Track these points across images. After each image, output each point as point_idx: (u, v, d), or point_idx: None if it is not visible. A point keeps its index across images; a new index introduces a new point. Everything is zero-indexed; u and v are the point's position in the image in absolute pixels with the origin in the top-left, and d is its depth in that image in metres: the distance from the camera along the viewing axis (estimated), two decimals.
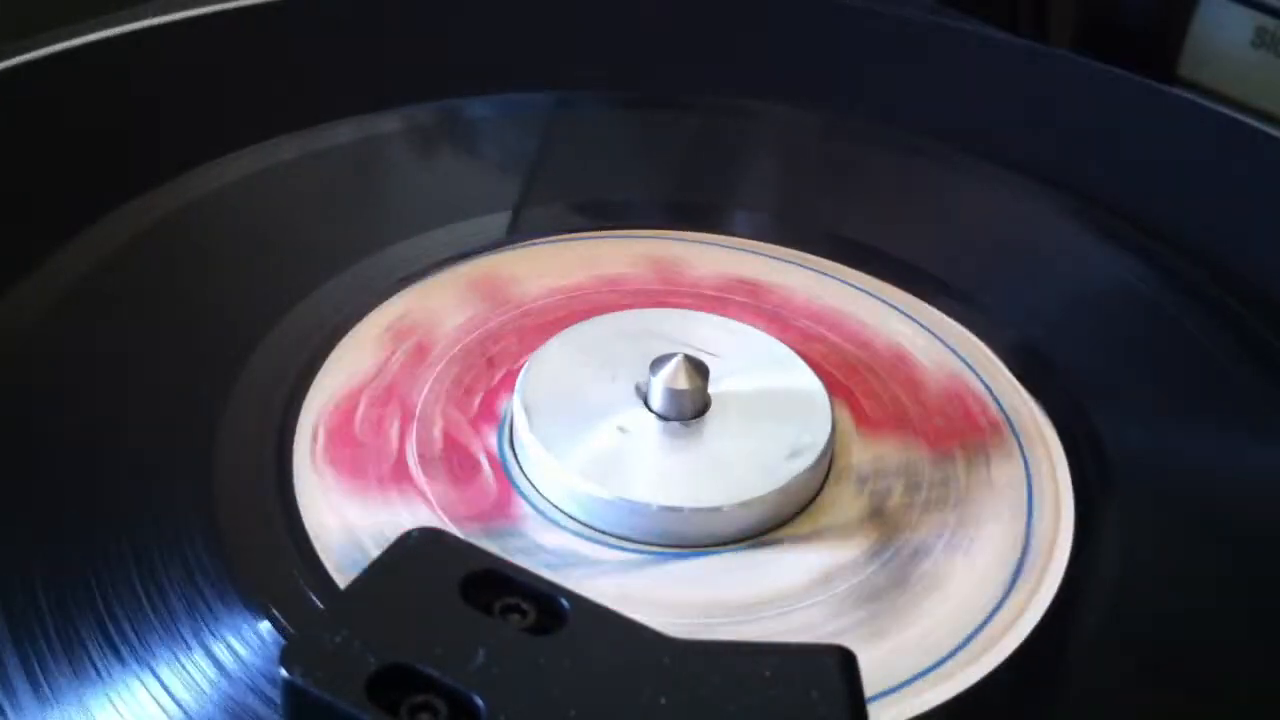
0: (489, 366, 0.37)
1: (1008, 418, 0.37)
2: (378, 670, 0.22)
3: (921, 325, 0.40)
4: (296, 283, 0.39)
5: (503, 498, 0.33)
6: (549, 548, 0.32)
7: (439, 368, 0.37)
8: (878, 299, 0.41)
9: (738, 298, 0.41)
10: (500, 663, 0.23)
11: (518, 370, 0.36)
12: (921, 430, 0.36)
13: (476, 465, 0.34)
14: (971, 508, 0.34)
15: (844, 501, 0.34)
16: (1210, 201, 0.46)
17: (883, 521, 0.34)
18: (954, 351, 0.39)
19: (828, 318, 0.40)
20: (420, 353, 0.37)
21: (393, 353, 0.37)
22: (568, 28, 0.53)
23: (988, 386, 0.38)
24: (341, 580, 0.30)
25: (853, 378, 0.38)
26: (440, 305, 0.39)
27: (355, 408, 0.35)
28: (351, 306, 0.38)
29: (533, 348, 0.37)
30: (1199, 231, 0.44)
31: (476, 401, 0.36)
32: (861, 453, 0.35)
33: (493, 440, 0.35)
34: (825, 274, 0.42)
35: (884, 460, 0.35)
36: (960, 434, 0.36)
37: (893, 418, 0.37)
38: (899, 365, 0.38)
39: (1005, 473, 0.35)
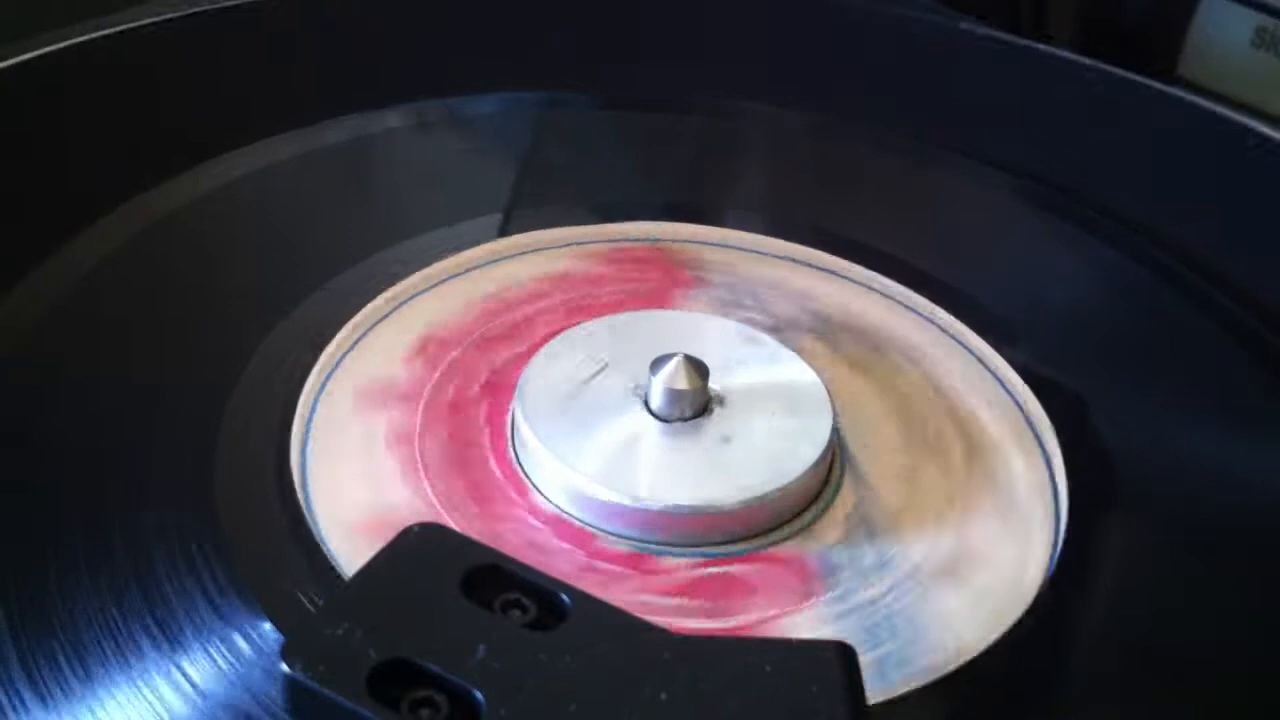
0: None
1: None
2: (379, 665, 0.23)
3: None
4: (297, 282, 0.39)
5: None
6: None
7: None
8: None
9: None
10: (501, 658, 0.23)
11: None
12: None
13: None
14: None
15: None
16: (1210, 201, 0.46)
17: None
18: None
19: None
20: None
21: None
22: (567, 28, 0.53)
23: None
24: (344, 579, 0.30)
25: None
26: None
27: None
28: (351, 306, 0.38)
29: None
30: (1199, 232, 0.44)
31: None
32: None
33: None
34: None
35: None
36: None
37: None
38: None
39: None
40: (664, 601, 0.31)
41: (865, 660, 0.26)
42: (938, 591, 0.32)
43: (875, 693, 0.28)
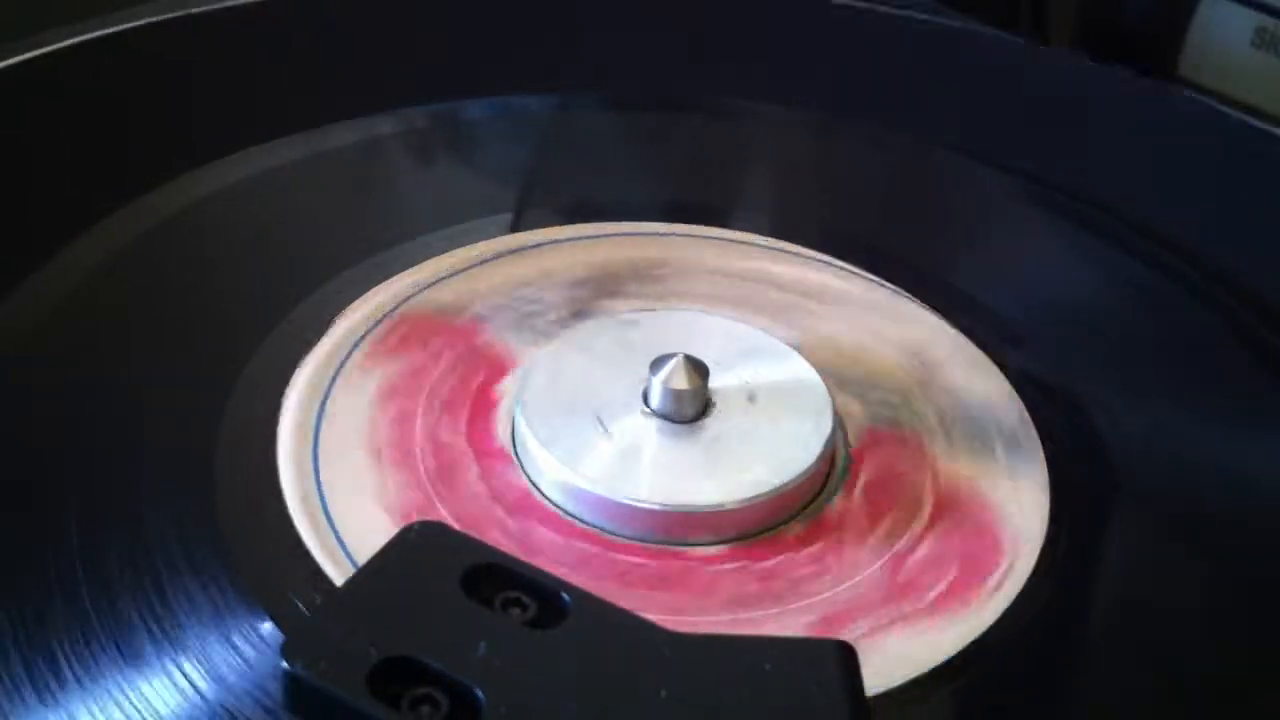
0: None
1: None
2: (379, 663, 0.23)
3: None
4: (296, 283, 0.39)
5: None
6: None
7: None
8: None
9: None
10: (501, 656, 0.23)
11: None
12: None
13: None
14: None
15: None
16: (1210, 201, 0.46)
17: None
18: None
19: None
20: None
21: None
22: (567, 30, 0.53)
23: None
24: (344, 577, 0.30)
25: None
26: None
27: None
28: (352, 306, 0.38)
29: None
30: (1199, 231, 0.44)
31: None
32: None
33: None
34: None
35: None
36: None
37: None
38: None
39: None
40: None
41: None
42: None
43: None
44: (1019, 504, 0.34)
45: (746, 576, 0.32)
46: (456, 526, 0.31)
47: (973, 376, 0.38)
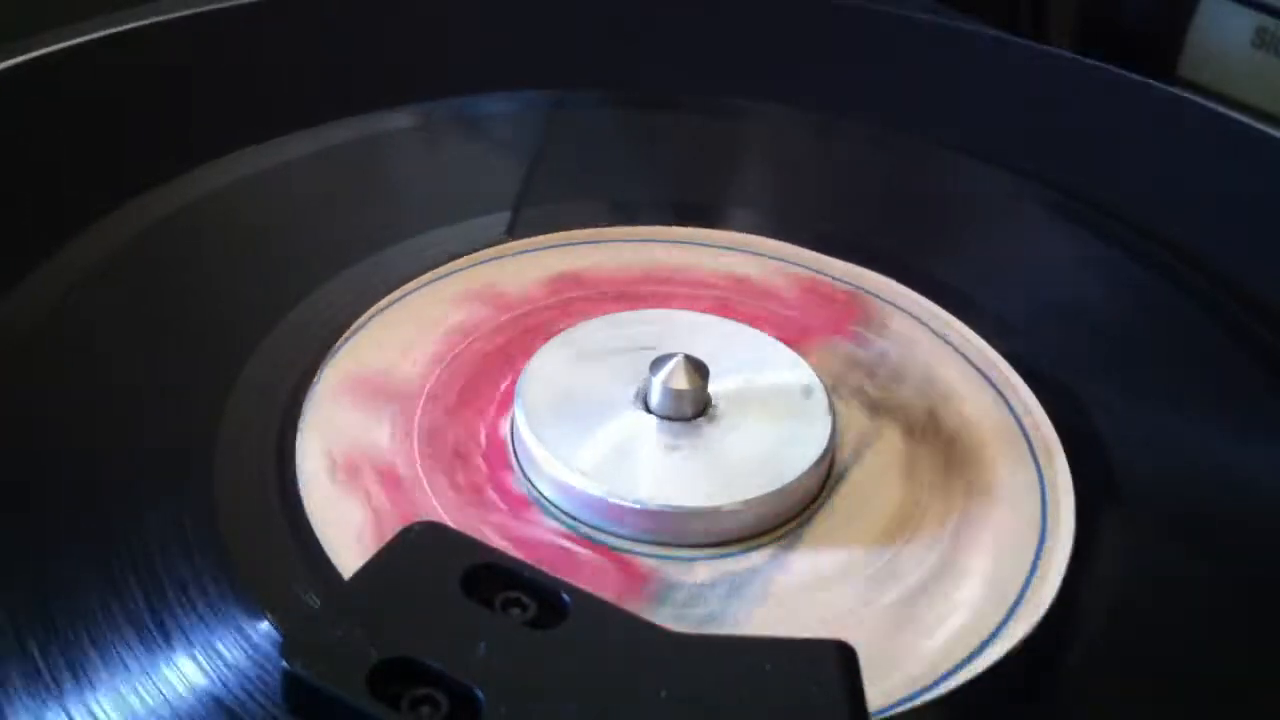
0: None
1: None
2: (379, 663, 0.23)
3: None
4: (296, 283, 0.39)
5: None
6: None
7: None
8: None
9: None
10: (501, 656, 0.23)
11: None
12: (821, 329, 0.39)
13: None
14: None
15: (843, 414, 0.36)
16: (1210, 202, 0.46)
17: (884, 410, 0.37)
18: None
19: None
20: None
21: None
22: (567, 26, 0.53)
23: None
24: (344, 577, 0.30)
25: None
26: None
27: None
28: (353, 306, 0.38)
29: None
30: (1199, 232, 0.44)
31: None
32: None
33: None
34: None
35: (825, 366, 0.37)
36: (844, 316, 0.39)
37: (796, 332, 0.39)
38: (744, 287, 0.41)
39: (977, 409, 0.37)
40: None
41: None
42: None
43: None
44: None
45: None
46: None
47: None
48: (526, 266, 0.41)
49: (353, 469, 0.34)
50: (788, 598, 0.31)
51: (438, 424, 0.35)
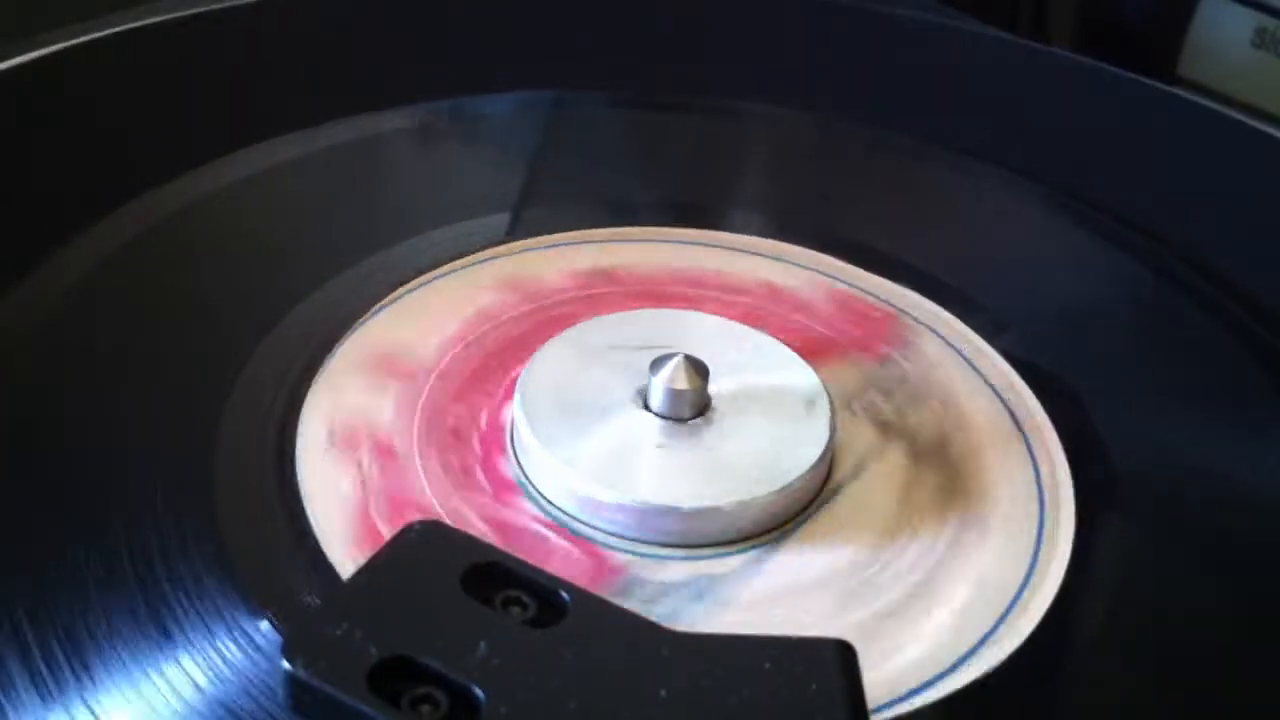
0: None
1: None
2: (379, 662, 0.23)
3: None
4: (296, 283, 0.39)
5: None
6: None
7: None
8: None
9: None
10: (501, 655, 0.23)
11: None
12: (848, 346, 0.38)
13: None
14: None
15: (851, 429, 0.36)
16: (1210, 201, 0.46)
17: (894, 430, 0.36)
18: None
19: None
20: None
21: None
22: (567, 26, 0.53)
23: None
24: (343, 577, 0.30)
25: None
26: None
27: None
28: (353, 306, 0.38)
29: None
30: (1198, 231, 0.44)
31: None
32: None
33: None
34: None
35: (842, 381, 0.37)
36: (877, 335, 0.39)
37: (820, 346, 0.39)
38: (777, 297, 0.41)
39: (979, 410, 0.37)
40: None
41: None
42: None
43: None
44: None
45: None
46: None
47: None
48: (562, 259, 0.41)
49: (350, 439, 0.34)
50: (756, 604, 0.31)
51: (442, 404, 0.36)
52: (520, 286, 0.40)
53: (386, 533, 0.32)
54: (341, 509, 0.32)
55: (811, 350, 0.37)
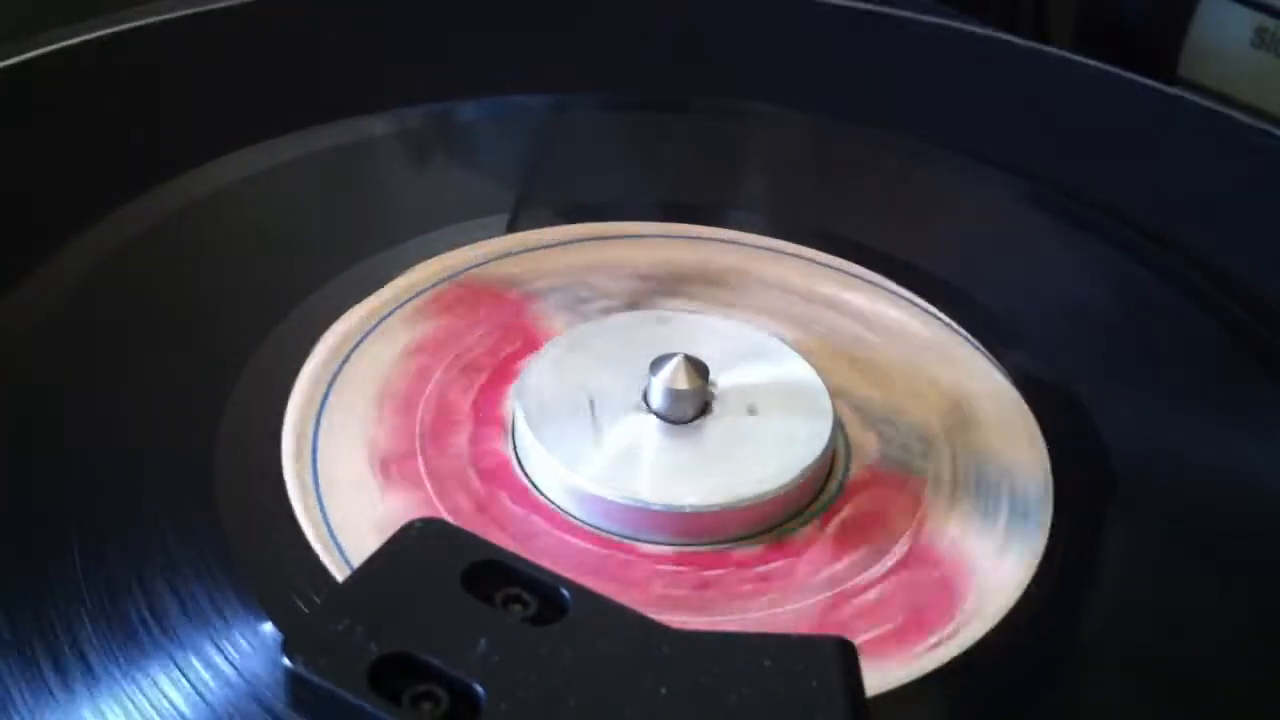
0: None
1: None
2: (380, 659, 0.23)
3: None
4: (296, 283, 0.39)
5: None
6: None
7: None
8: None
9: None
10: (501, 652, 0.23)
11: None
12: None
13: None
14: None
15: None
16: (1210, 201, 0.46)
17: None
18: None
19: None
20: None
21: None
22: (564, 30, 0.53)
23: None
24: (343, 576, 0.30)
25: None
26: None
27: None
28: (352, 307, 0.38)
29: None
30: (1198, 231, 0.44)
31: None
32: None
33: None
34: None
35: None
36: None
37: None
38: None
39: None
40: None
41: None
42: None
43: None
44: (997, 574, 0.33)
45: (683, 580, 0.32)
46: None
47: (1008, 440, 0.36)
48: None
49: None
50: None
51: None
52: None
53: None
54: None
55: None
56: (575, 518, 0.33)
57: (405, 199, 0.45)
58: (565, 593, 0.24)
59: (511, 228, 0.42)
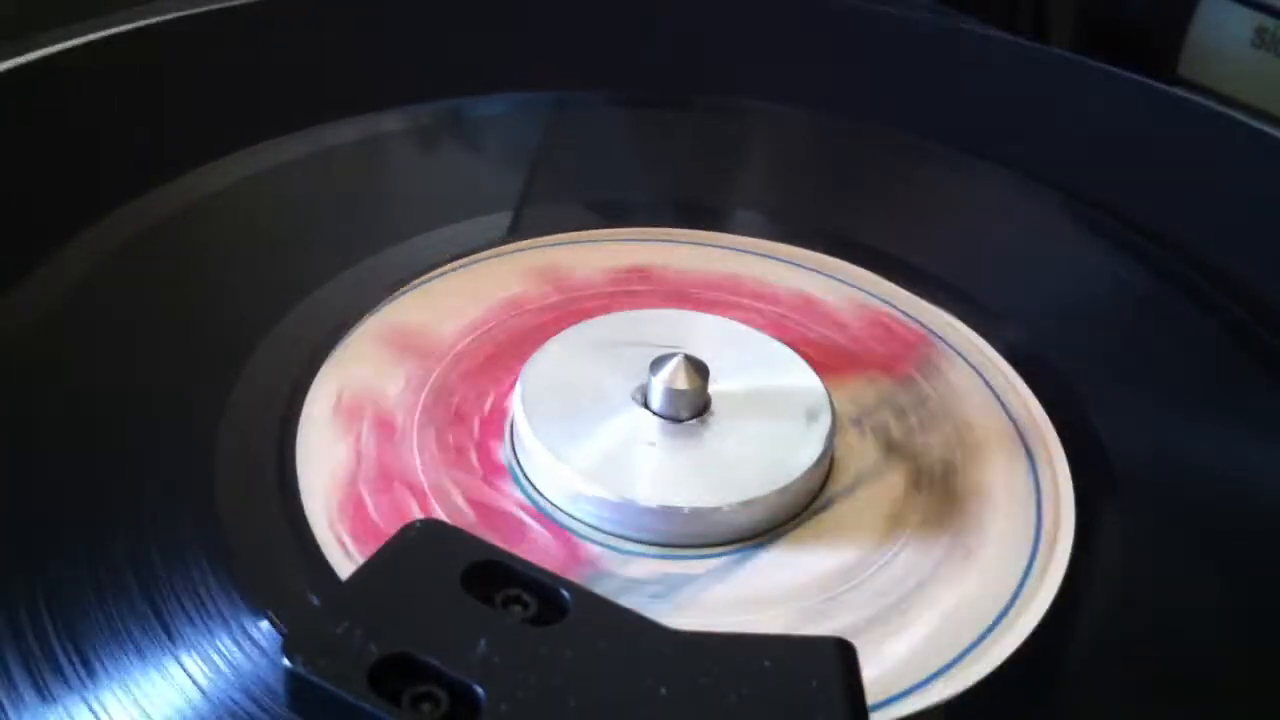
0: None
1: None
2: (380, 660, 0.22)
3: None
4: (296, 283, 0.39)
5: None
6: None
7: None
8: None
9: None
10: (501, 653, 0.23)
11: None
12: (871, 363, 0.38)
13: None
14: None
15: (855, 447, 0.35)
16: (1210, 201, 0.46)
17: (899, 452, 0.35)
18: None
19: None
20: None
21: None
22: (567, 27, 0.53)
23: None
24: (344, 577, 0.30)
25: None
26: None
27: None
28: (351, 307, 0.38)
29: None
30: (1198, 231, 0.44)
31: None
32: (838, 398, 0.36)
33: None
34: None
35: (861, 399, 0.37)
36: (903, 355, 0.38)
37: (845, 360, 0.38)
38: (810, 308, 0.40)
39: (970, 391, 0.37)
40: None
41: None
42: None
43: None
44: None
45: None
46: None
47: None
48: (600, 254, 0.42)
49: (355, 410, 0.35)
50: (714, 612, 0.31)
51: (451, 384, 0.36)
52: (553, 278, 0.40)
53: (371, 504, 0.32)
54: (333, 476, 0.33)
55: (832, 365, 0.38)
56: (573, 516, 0.33)
57: (405, 199, 0.45)
58: (565, 593, 0.24)
59: (513, 228, 0.42)
